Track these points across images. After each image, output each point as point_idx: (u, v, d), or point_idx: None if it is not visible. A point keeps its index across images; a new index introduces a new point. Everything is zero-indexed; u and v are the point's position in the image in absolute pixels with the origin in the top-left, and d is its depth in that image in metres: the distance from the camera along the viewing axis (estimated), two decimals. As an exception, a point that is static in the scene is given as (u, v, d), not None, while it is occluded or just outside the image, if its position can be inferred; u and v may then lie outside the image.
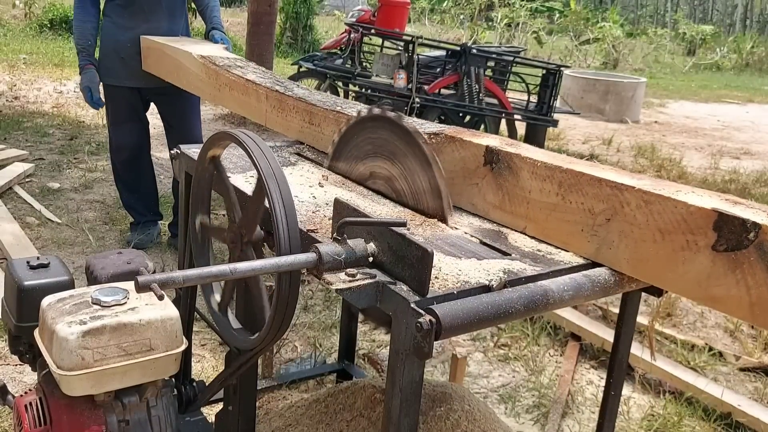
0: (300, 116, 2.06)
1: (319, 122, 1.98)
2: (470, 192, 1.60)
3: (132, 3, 3.42)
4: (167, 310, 1.43)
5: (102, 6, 3.50)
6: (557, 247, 1.44)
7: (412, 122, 1.64)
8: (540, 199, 1.45)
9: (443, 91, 6.41)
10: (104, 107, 3.62)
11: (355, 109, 1.83)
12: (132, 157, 3.68)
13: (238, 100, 2.40)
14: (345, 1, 21.02)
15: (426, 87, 6.26)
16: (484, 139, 1.59)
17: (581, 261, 1.37)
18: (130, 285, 1.46)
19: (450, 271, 1.24)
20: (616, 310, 1.85)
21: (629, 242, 1.30)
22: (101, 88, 3.51)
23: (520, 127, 6.74)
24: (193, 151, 1.76)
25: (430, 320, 1.06)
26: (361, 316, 2.63)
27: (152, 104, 3.69)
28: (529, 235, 1.49)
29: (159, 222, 3.91)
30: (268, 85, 2.24)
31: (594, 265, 1.36)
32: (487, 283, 1.21)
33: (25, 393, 1.51)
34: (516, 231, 1.50)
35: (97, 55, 3.52)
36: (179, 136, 3.55)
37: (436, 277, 1.21)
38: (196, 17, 14.02)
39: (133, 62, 3.42)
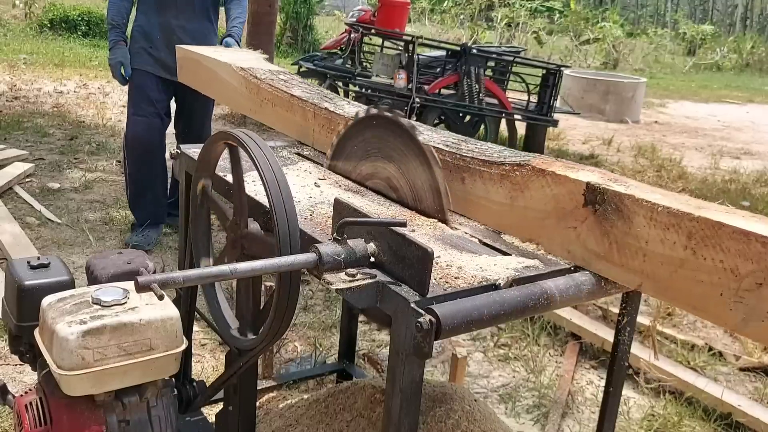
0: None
1: None
2: (566, 237, 1.35)
3: (164, 1, 3.51)
4: (167, 309, 1.43)
5: None
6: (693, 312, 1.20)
7: (498, 152, 1.52)
8: (661, 252, 1.18)
9: (443, 91, 6.41)
10: (128, 95, 3.68)
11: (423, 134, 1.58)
12: (146, 153, 3.66)
13: (281, 117, 2.18)
14: (345, 1, 21.03)
15: (426, 87, 6.26)
16: (582, 174, 1.33)
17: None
18: (130, 285, 1.46)
19: (471, 268, 1.26)
20: (616, 310, 1.85)
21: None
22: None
23: (520, 127, 6.74)
24: (193, 151, 1.76)
25: (430, 320, 1.06)
26: (362, 316, 2.63)
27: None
28: (649, 295, 1.26)
29: (161, 225, 3.88)
30: (316, 101, 2.02)
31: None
32: (494, 281, 1.21)
33: (26, 393, 1.51)
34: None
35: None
36: (190, 132, 3.72)
37: (456, 277, 1.21)
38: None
39: (161, 54, 3.52)
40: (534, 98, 6.62)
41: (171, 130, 3.84)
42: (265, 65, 2.50)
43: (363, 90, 6.51)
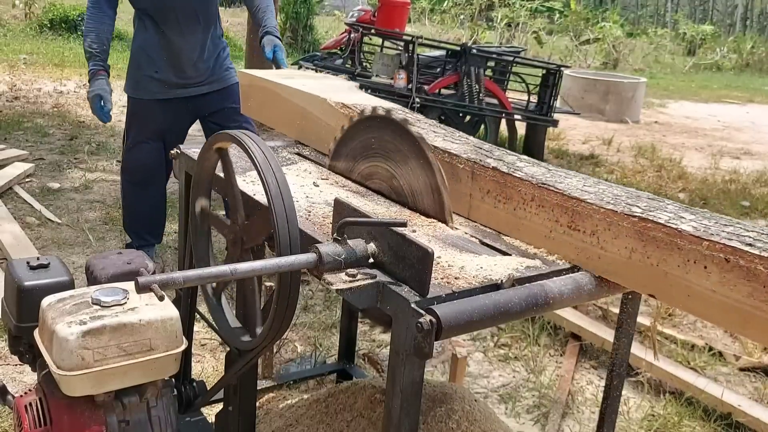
0: (547, 214, 1.39)
1: (590, 227, 1.32)
2: None
3: (166, 16, 3.14)
4: (167, 310, 1.43)
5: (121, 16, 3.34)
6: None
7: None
8: None
9: (443, 91, 6.41)
10: (126, 123, 3.35)
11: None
12: (145, 180, 3.37)
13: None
14: (345, 1, 21.02)
15: (426, 87, 6.25)
16: None
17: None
18: (130, 285, 1.46)
19: (471, 268, 1.25)
20: (616, 310, 1.85)
21: None
22: (111, 97, 3.14)
23: (520, 127, 6.74)
24: (192, 151, 1.76)
25: (430, 320, 1.06)
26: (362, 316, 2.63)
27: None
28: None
29: (156, 245, 3.63)
30: (473, 156, 1.56)
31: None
32: (496, 281, 1.21)
33: (25, 393, 1.50)
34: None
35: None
36: None
37: (456, 277, 1.21)
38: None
39: (169, 76, 3.22)
40: (534, 98, 6.61)
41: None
42: (373, 99, 2.02)
43: (363, 90, 6.49)
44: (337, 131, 1.76)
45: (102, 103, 3.05)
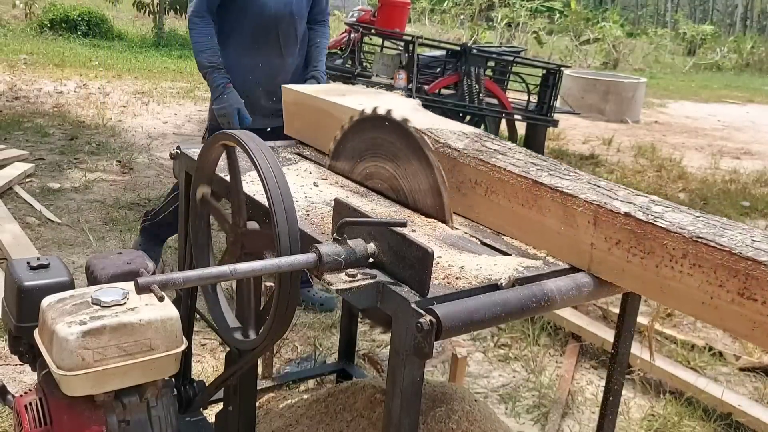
0: (706, 276, 1.14)
1: None
2: None
3: (267, 35, 2.88)
4: (167, 310, 1.43)
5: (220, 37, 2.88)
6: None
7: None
8: None
9: (443, 91, 6.41)
10: (206, 134, 3.16)
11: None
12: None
13: (510, 213, 1.45)
14: (345, 1, 21.01)
15: (426, 87, 6.25)
16: None
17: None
18: (130, 285, 1.46)
19: (471, 268, 1.25)
20: (616, 310, 1.85)
21: None
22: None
23: (520, 127, 6.74)
24: (192, 151, 1.76)
25: (430, 320, 1.06)
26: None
27: None
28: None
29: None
30: (592, 198, 1.30)
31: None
32: (496, 281, 1.21)
33: (25, 393, 1.50)
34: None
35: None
36: None
37: (456, 277, 1.21)
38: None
39: (262, 102, 2.97)
40: (534, 98, 6.61)
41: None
42: (450, 123, 1.70)
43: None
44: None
45: (240, 116, 2.85)
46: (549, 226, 1.37)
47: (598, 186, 1.36)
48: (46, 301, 1.43)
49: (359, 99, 1.82)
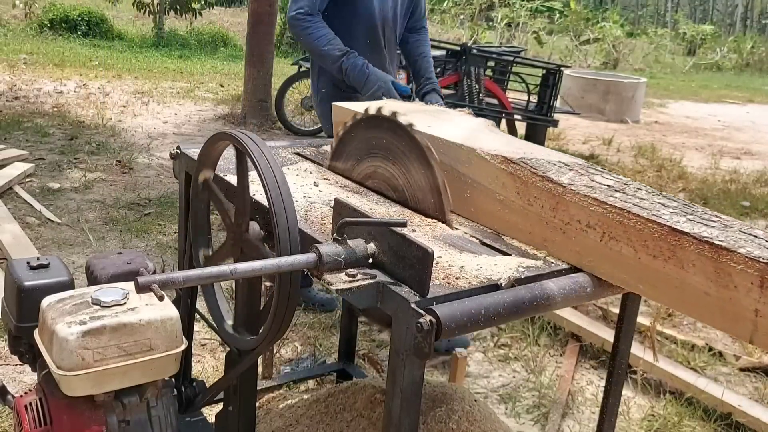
0: None
1: None
2: None
3: (374, 41, 2.66)
4: (167, 310, 1.43)
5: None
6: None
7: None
8: None
9: (443, 91, 6.40)
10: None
11: None
12: None
13: (632, 262, 1.21)
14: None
15: (426, 87, 6.24)
16: None
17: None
18: (130, 285, 1.46)
19: (471, 268, 1.25)
20: (616, 310, 1.85)
21: None
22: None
23: (520, 127, 6.74)
24: (192, 151, 1.76)
25: (430, 320, 1.06)
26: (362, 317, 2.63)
27: None
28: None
29: None
30: (755, 253, 1.06)
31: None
32: (495, 281, 1.21)
33: (25, 393, 1.50)
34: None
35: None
36: None
37: (456, 277, 1.21)
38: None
39: None
40: (534, 98, 6.62)
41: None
42: (541, 150, 1.47)
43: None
44: (496, 194, 1.39)
45: (396, 87, 2.57)
46: (692, 284, 1.12)
47: (756, 237, 1.09)
48: (46, 301, 1.42)
49: (425, 120, 1.59)
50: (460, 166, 1.44)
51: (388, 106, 1.63)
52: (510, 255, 1.36)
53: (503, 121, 6.69)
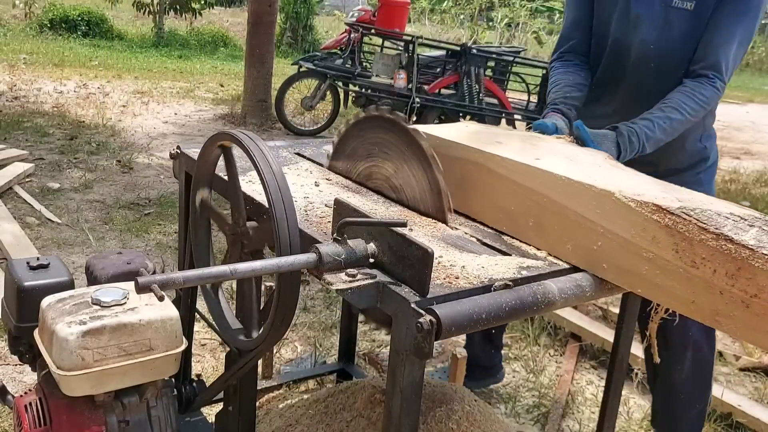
0: None
1: None
2: None
3: (610, 81, 2.12)
4: (167, 310, 1.43)
5: None
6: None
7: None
8: None
9: (443, 91, 6.41)
10: None
11: None
12: None
13: None
14: (345, 1, 21.01)
15: (426, 87, 6.26)
16: None
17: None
18: (130, 285, 1.46)
19: (472, 268, 1.25)
20: (616, 310, 1.85)
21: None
22: None
23: (520, 127, 6.74)
24: (192, 151, 1.76)
25: (430, 320, 1.06)
26: (361, 317, 2.63)
27: None
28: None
29: None
30: None
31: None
32: (496, 281, 1.21)
33: (25, 393, 1.50)
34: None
35: None
36: None
37: (457, 277, 1.21)
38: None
39: None
40: (534, 98, 6.62)
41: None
42: (701, 198, 1.23)
43: (363, 90, 6.51)
44: (643, 250, 1.15)
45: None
46: None
47: None
48: (46, 301, 1.42)
49: (523, 149, 1.37)
50: (588, 213, 1.19)
51: (487, 133, 1.42)
52: (510, 255, 1.36)
53: (503, 121, 6.70)
